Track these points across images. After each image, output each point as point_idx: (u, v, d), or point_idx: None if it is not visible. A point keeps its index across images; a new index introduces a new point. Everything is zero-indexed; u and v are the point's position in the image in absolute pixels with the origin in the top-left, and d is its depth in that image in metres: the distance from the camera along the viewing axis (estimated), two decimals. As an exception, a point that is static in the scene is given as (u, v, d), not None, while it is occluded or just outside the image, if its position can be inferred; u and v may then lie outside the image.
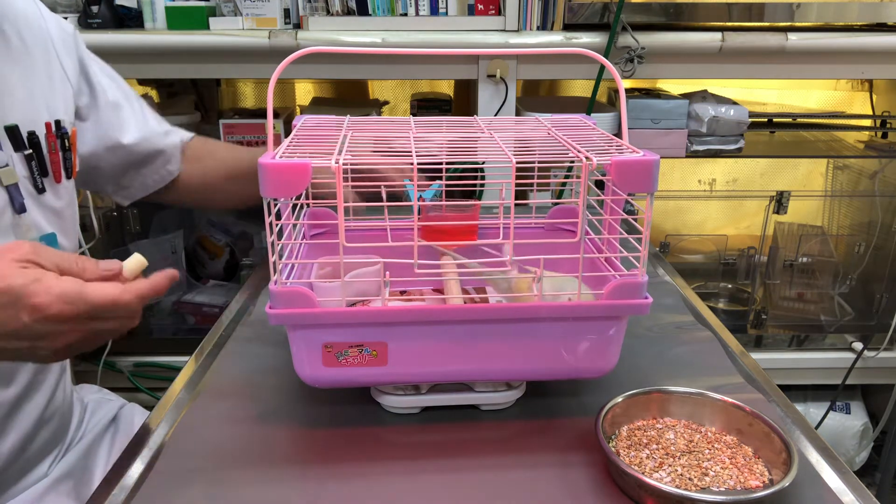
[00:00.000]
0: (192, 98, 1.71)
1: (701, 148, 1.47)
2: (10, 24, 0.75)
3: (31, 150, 0.73)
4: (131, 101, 0.92)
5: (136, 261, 0.59)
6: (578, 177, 0.57)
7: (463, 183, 0.80)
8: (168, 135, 0.95)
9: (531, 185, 0.70)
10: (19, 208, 0.72)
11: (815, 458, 0.58)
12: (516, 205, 0.55)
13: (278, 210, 0.58)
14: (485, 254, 0.67)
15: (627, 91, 1.61)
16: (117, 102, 0.89)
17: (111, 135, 0.88)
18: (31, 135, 0.74)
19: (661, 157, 0.54)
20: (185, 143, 0.97)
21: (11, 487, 0.77)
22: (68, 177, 0.80)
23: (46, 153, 0.76)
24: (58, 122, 0.77)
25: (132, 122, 0.90)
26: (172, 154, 0.95)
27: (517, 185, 0.55)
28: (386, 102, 1.76)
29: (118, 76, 0.92)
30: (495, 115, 1.40)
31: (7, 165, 0.71)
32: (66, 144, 0.78)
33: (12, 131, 0.72)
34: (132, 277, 0.58)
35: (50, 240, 0.76)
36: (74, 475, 0.83)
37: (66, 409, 0.85)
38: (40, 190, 0.75)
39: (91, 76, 0.87)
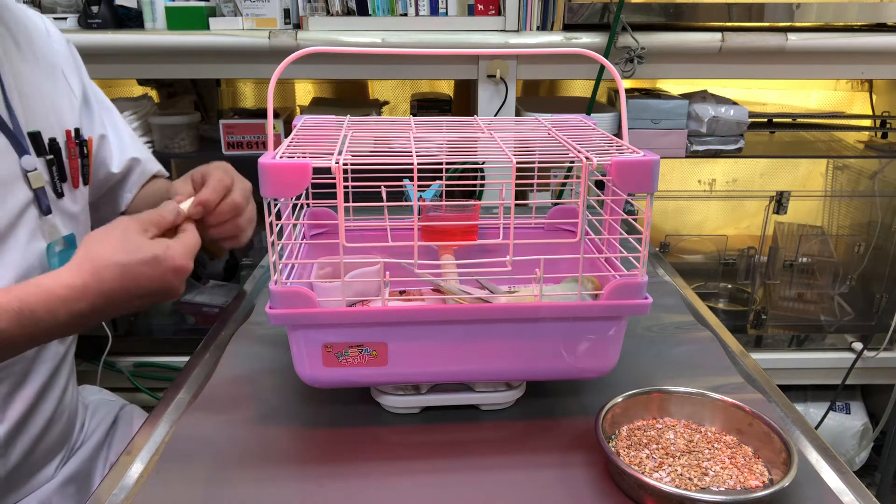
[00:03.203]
0: (192, 98, 1.71)
1: (701, 148, 1.47)
2: (24, 36, 0.78)
3: (52, 156, 0.76)
4: (118, 128, 0.92)
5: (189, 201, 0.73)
6: (578, 177, 0.57)
7: (463, 183, 0.80)
8: (146, 163, 0.94)
9: (531, 185, 0.70)
10: (45, 210, 0.75)
11: (814, 458, 0.58)
12: (516, 205, 0.55)
13: (278, 210, 0.58)
14: (484, 255, 0.67)
15: (627, 91, 1.61)
16: (107, 129, 0.90)
17: (100, 159, 0.88)
18: (52, 141, 0.77)
19: (661, 158, 0.54)
20: (150, 175, 0.96)
21: (20, 488, 0.77)
22: (85, 183, 0.82)
23: (66, 159, 0.79)
24: (77, 130, 0.80)
25: (118, 149, 0.91)
26: (140, 182, 0.94)
27: (517, 185, 0.55)
28: (386, 102, 1.76)
29: (107, 100, 0.93)
30: (495, 115, 1.40)
31: (35, 169, 0.74)
32: (85, 152, 0.82)
33: (35, 137, 0.75)
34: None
35: (70, 240, 0.78)
36: (79, 479, 0.84)
37: (73, 410, 0.86)
38: (59, 195, 0.77)
39: (90, 99, 0.88)
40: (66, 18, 1.40)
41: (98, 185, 0.90)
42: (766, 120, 1.60)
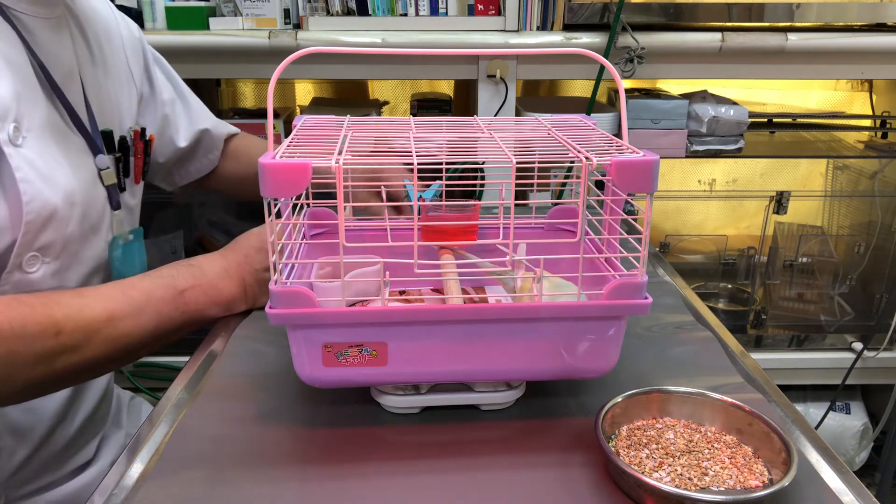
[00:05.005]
0: (192, 98, 1.71)
1: (701, 148, 1.48)
2: (93, 32, 0.81)
3: (120, 154, 0.81)
4: (185, 97, 0.97)
5: None
6: (578, 177, 0.57)
7: (463, 183, 0.80)
8: (216, 127, 1.00)
9: (531, 185, 0.70)
10: (115, 206, 0.80)
11: (814, 458, 0.58)
12: (516, 205, 0.55)
13: (278, 210, 0.58)
14: (488, 254, 0.67)
15: (627, 91, 1.61)
16: (173, 101, 0.94)
17: (167, 133, 0.94)
18: (122, 139, 0.82)
19: (661, 157, 0.54)
20: (229, 136, 1.03)
21: (72, 458, 0.81)
22: (144, 178, 0.88)
23: (132, 157, 0.84)
24: (143, 130, 0.86)
25: (185, 119, 0.96)
26: (216, 146, 1.01)
27: (517, 185, 0.55)
28: (386, 102, 1.76)
29: (173, 71, 0.97)
30: (495, 115, 1.40)
31: (108, 168, 0.78)
32: (148, 149, 0.87)
33: (108, 136, 0.79)
34: None
35: (137, 234, 0.84)
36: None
37: (110, 393, 0.89)
38: (122, 189, 0.82)
39: (153, 76, 0.92)
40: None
41: (167, 157, 0.96)
42: (766, 120, 1.60)
